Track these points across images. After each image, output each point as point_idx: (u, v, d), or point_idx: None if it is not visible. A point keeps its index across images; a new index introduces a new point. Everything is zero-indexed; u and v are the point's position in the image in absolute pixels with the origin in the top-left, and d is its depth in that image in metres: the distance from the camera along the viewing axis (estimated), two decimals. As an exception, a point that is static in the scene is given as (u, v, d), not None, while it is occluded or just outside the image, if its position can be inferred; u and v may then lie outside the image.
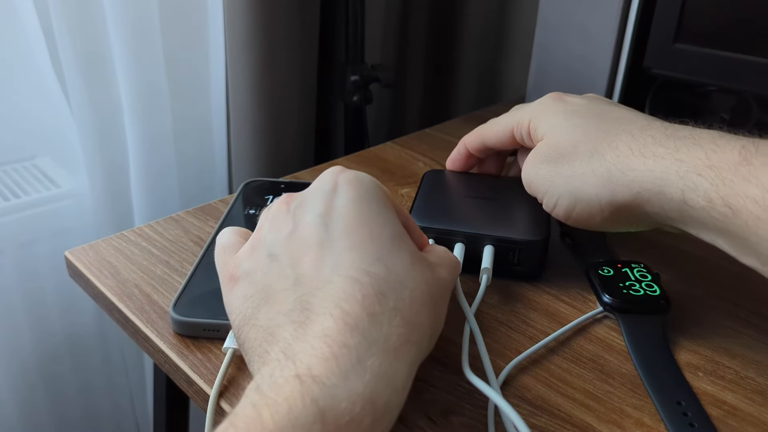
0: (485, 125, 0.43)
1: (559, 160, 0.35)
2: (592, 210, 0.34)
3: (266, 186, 0.48)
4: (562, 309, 0.37)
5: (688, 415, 0.29)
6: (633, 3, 0.56)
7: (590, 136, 0.35)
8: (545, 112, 0.39)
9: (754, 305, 0.38)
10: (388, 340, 0.24)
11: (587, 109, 0.38)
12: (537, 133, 0.38)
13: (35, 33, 0.62)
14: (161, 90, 0.69)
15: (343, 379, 0.22)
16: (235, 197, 0.46)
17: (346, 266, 0.26)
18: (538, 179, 0.37)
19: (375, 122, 0.89)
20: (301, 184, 0.48)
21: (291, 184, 0.48)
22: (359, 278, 0.25)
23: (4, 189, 0.70)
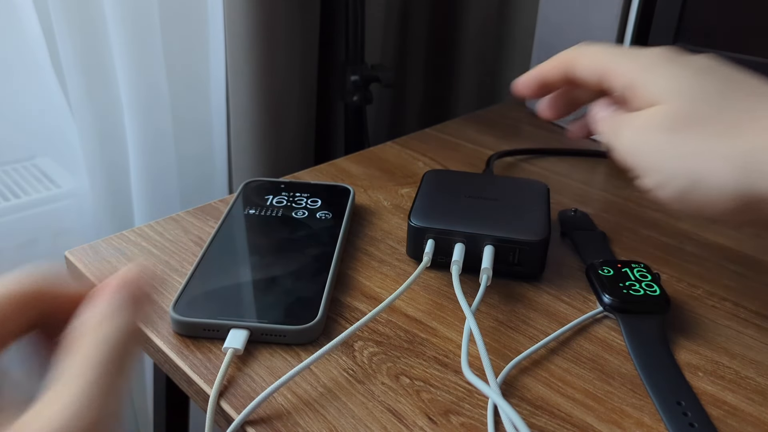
0: (569, 51, 0.35)
1: (683, 131, 0.29)
2: (716, 199, 0.28)
3: (266, 186, 0.48)
4: (562, 309, 0.37)
5: (688, 415, 0.29)
6: (633, 3, 0.56)
7: (726, 108, 0.29)
8: (659, 68, 0.31)
9: (754, 305, 0.38)
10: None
11: (719, 74, 0.30)
12: (647, 93, 0.30)
13: (35, 33, 0.62)
14: (161, 90, 0.69)
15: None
16: (236, 197, 0.46)
17: None
18: (649, 151, 0.30)
19: (375, 122, 0.89)
20: (300, 185, 0.48)
21: (291, 184, 0.48)
22: None
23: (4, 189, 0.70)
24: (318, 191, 0.47)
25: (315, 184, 0.48)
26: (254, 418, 0.30)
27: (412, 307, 0.37)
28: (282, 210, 0.45)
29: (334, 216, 0.44)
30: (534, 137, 0.64)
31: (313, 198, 0.46)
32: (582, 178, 0.55)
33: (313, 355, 0.32)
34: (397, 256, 0.42)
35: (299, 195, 0.47)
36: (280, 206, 0.45)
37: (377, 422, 0.29)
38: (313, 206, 0.45)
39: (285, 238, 0.42)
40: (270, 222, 0.43)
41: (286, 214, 0.44)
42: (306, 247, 0.41)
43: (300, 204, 0.45)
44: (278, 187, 0.48)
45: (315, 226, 0.43)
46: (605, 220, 0.48)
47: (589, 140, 0.64)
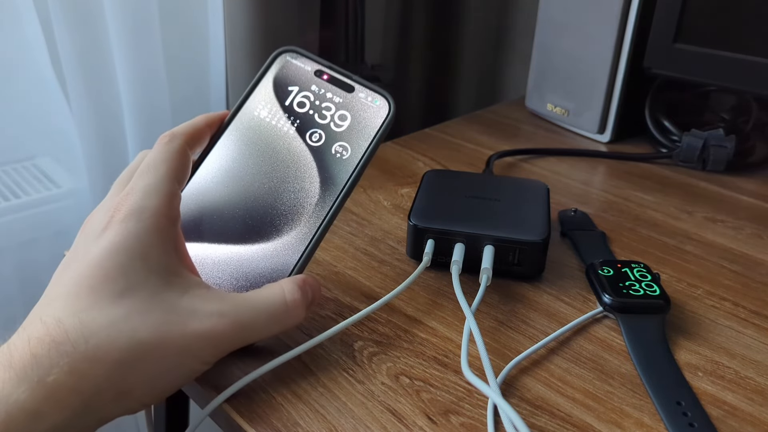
0: None
1: None
2: None
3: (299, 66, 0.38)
4: (562, 309, 0.37)
5: (688, 415, 0.29)
6: (633, 3, 0.56)
7: None
8: None
9: (754, 305, 0.38)
10: (43, 381, 0.25)
11: None
12: None
13: (35, 33, 0.62)
14: (161, 90, 0.69)
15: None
16: (260, 74, 0.38)
17: (47, 312, 0.27)
18: None
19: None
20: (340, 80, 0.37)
21: (331, 73, 0.37)
22: (47, 323, 0.26)
23: (4, 189, 0.70)
24: (354, 102, 0.36)
25: (357, 82, 0.37)
26: (254, 418, 0.30)
27: (412, 307, 0.37)
28: (297, 123, 0.36)
29: (351, 155, 0.35)
30: (534, 137, 0.64)
31: (342, 111, 0.36)
32: (582, 178, 0.55)
33: (302, 345, 0.32)
34: (397, 256, 0.42)
35: (329, 98, 0.36)
36: (299, 114, 0.36)
37: (377, 422, 0.29)
38: (336, 129, 0.36)
39: (277, 187, 0.35)
40: (273, 143, 0.36)
41: (298, 135, 0.36)
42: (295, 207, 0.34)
43: (323, 119, 0.36)
44: (313, 72, 0.37)
45: (321, 162, 0.35)
46: (605, 220, 0.48)
47: (589, 140, 0.64)
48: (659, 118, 0.61)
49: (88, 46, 0.63)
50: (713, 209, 0.50)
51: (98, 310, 0.27)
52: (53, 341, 0.25)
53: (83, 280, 0.28)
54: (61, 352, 0.25)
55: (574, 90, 0.63)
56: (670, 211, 0.50)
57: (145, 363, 0.27)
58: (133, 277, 0.28)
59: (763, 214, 0.50)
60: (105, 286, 0.27)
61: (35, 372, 0.25)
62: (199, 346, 0.28)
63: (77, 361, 0.25)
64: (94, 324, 0.26)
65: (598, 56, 0.60)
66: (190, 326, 0.28)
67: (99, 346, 0.26)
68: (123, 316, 0.27)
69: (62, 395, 0.25)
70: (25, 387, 0.24)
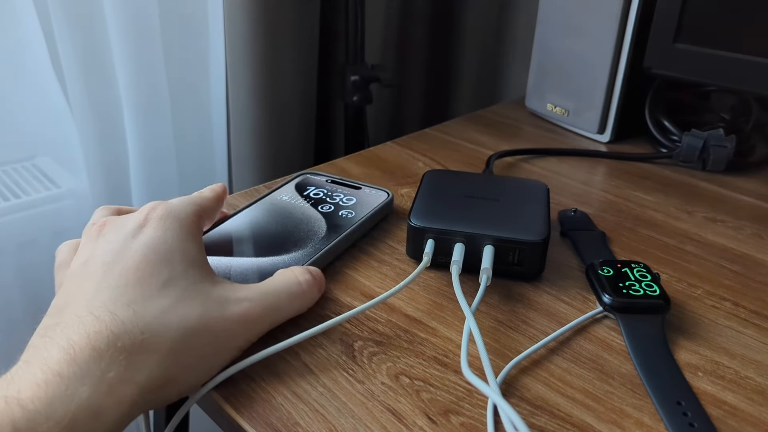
0: None
1: None
2: None
3: (315, 178, 0.49)
4: (562, 309, 0.37)
5: (688, 415, 0.29)
6: (633, 3, 0.56)
7: None
8: None
9: (754, 305, 0.38)
10: (105, 376, 0.25)
11: None
12: None
13: (35, 33, 0.62)
14: (161, 90, 0.69)
15: (47, 405, 0.23)
16: (283, 183, 0.48)
17: (96, 305, 0.27)
18: None
19: (375, 122, 0.89)
20: (347, 183, 0.48)
21: (339, 180, 0.49)
22: (101, 317, 0.27)
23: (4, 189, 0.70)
24: (359, 193, 0.47)
25: (364, 185, 0.48)
26: (254, 417, 0.30)
27: (412, 306, 0.37)
28: (313, 201, 0.45)
29: (356, 215, 0.44)
30: (534, 137, 0.64)
31: (350, 196, 0.46)
32: (582, 178, 0.55)
33: (293, 337, 0.32)
34: (397, 256, 0.42)
35: (339, 191, 0.47)
36: (314, 198, 0.46)
37: (377, 422, 0.29)
38: (344, 204, 0.45)
39: (292, 227, 0.42)
40: (292, 210, 0.44)
41: (312, 207, 0.45)
42: (304, 239, 0.41)
43: (333, 200, 0.46)
44: (326, 181, 0.49)
45: (330, 221, 0.43)
46: (605, 220, 0.48)
47: (589, 140, 0.64)
48: (659, 118, 0.61)
49: (88, 46, 0.63)
50: (713, 209, 0.50)
51: (148, 301, 0.28)
52: (111, 333, 0.26)
53: (129, 273, 0.29)
54: (120, 346, 0.26)
55: (574, 90, 0.63)
56: (670, 211, 0.50)
57: (192, 349, 0.28)
58: (174, 268, 0.30)
59: (763, 214, 0.50)
60: (151, 278, 0.29)
61: (97, 366, 0.25)
62: (236, 331, 0.30)
63: (134, 353, 0.26)
64: (147, 314, 0.27)
65: (598, 56, 0.60)
66: (228, 311, 0.30)
67: (153, 335, 0.27)
68: (170, 306, 0.28)
69: (122, 389, 0.25)
70: (88, 383, 0.24)
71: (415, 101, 0.94)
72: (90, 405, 0.24)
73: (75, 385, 0.24)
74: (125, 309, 0.27)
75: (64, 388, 0.24)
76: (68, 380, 0.24)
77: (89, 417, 0.24)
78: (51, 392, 0.24)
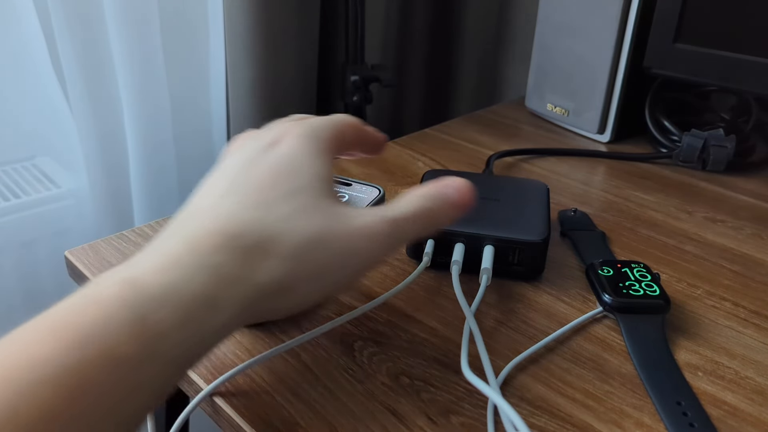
0: None
1: None
2: None
3: None
4: (562, 309, 0.37)
5: (688, 415, 0.29)
6: (633, 3, 0.56)
7: None
8: None
9: (754, 305, 0.38)
10: (220, 270, 0.25)
11: None
12: None
13: (35, 33, 0.62)
14: (161, 90, 0.69)
15: (163, 291, 0.23)
16: None
17: (222, 206, 0.28)
18: None
19: (375, 122, 0.89)
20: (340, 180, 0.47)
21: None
22: (225, 217, 0.27)
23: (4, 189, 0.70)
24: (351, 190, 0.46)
25: (354, 181, 0.47)
26: (254, 418, 0.30)
27: (412, 306, 0.37)
28: None
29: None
30: (534, 137, 0.64)
31: (341, 194, 0.46)
32: (582, 178, 0.55)
33: (294, 339, 0.32)
34: (397, 256, 0.42)
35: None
36: None
37: (377, 422, 0.29)
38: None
39: None
40: None
41: None
42: None
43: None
44: None
45: None
46: (605, 220, 0.48)
47: (589, 140, 0.64)
48: (659, 118, 0.61)
49: (88, 46, 0.63)
50: (713, 209, 0.50)
51: (272, 206, 0.28)
52: (234, 232, 0.26)
53: (257, 180, 0.29)
54: (240, 245, 0.26)
55: (574, 90, 0.63)
56: (670, 211, 0.50)
57: (312, 258, 0.27)
58: (301, 180, 0.29)
59: (763, 214, 0.50)
60: (277, 186, 0.29)
61: (215, 259, 0.25)
62: (361, 244, 0.29)
63: (254, 254, 0.26)
64: (269, 218, 0.27)
65: (598, 56, 0.60)
66: (354, 223, 0.29)
67: (274, 239, 0.27)
68: (294, 212, 0.28)
69: (238, 286, 0.25)
70: (204, 273, 0.24)
71: (415, 101, 0.94)
72: (206, 294, 0.24)
73: (191, 274, 0.24)
74: (249, 211, 0.27)
75: (180, 276, 0.24)
76: (185, 269, 0.24)
77: (205, 307, 0.24)
78: (167, 279, 0.24)
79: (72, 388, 0.20)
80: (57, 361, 0.21)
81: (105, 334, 0.21)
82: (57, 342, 0.21)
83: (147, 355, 0.22)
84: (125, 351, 0.21)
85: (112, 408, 0.21)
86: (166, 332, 0.23)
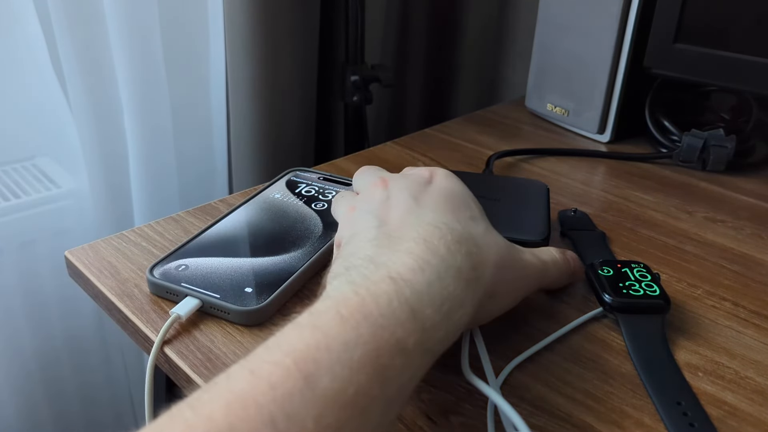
0: None
1: None
2: None
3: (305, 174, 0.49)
4: (562, 309, 0.37)
5: (688, 415, 0.29)
6: (633, 3, 0.56)
7: None
8: None
9: (754, 305, 0.38)
10: (461, 272, 0.27)
11: None
12: None
13: (35, 33, 0.62)
14: (161, 90, 0.69)
15: (427, 287, 0.25)
16: (272, 181, 0.48)
17: (427, 220, 0.29)
18: None
19: (375, 122, 0.89)
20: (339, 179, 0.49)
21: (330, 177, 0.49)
22: (440, 227, 0.28)
23: (4, 189, 0.70)
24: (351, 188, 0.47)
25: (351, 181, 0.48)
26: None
27: (412, 307, 0.37)
28: (306, 199, 0.46)
29: None
30: (534, 137, 0.64)
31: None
32: (582, 178, 0.55)
33: None
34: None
35: (330, 189, 0.47)
36: (306, 196, 0.46)
37: (377, 422, 0.29)
38: None
39: (288, 226, 0.42)
40: (285, 208, 0.44)
41: (305, 204, 0.45)
42: (301, 238, 0.41)
43: (326, 197, 0.46)
44: (317, 177, 0.49)
45: (325, 219, 0.43)
46: (605, 220, 0.48)
47: (589, 140, 0.64)
48: (659, 118, 0.61)
49: (88, 46, 0.63)
50: (713, 209, 0.50)
51: (468, 222, 0.30)
52: (456, 238, 0.28)
53: (440, 203, 0.31)
54: (465, 250, 0.28)
55: (574, 90, 0.63)
56: (670, 211, 0.50)
57: (508, 270, 0.31)
58: (473, 209, 0.32)
59: (763, 214, 0.50)
60: (459, 210, 0.31)
61: (455, 261, 0.27)
62: (526, 273, 0.33)
63: (475, 261, 0.28)
64: (475, 232, 0.30)
65: (598, 56, 0.60)
66: (522, 255, 0.33)
67: (483, 248, 0.29)
68: (486, 231, 0.31)
69: (474, 288, 0.27)
70: (451, 274, 0.26)
71: (415, 101, 0.94)
72: (456, 294, 0.26)
73: (443, 274, 0.26)
74: (457, 224, 0.29)
75: (436, 275, 0.26)
76: (437, 268, 0.26)
77: (457, 305, 0.26)
78: (427, 278, 0.25)
79: (376, 372, 0.22)
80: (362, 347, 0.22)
81: (393, 325, 0.23)
82: (355, 330, 0.22)
83: (421, 347, 0.24)
84: (409, 342, 0.23)
85: (397, 392, 0.23)
86: (432, 327, 0.24)
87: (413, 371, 0.24)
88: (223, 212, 0.44)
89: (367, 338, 0.22)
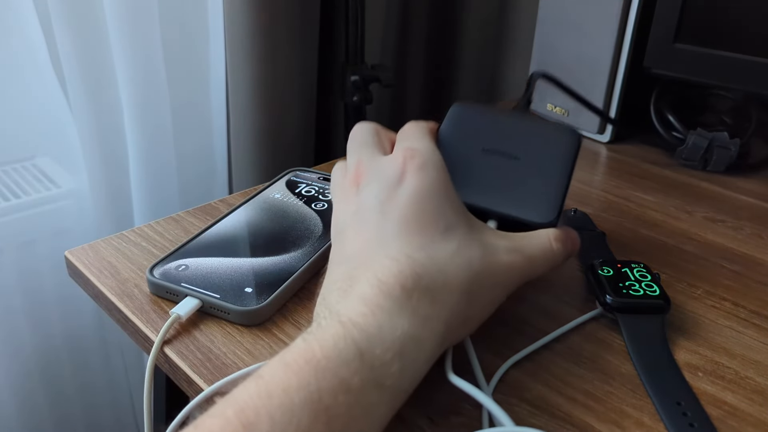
0: None
1: None
2: None
3: (305, 175, 0.50)
4: (562, 309, 0.37)
5: (688, 415, 0.29)
6: (633, 3, 0.56)
7: None
8: None
9: (753, 305, 0.38)
10: (417, 310, 0.27)
11: None
12: None
13: (35, 33, 0.62)
14: (161, 90, 0.69)
15: (378, 329, 0.25)
16: (272, 182, 0.48)
17: (391, 250, 0.29)
18: None
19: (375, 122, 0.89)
20: None
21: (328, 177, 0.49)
22: (400, 260, 0.28)
23: (4, 189, 0.70)
24: None
25: None
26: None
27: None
28: (306, 199, 0.46)
29: None
30: (534, 137, 0.64)
31: None
32: (582, 178, 0.55)
33: None
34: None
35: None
36: (306, 196, 0.46)
37: (377, 422, 0.29)
38: None
39: (288, 226, 0.42)
40: (285, 208, 0.44)
41: (305, 204, 0.45)
42: (301, 238, 0.41)
43: (326, 197, 0.46)
44: (317, 177, 0.49)
45: (325, 219, 0.43)
46: (605, 220, 0.48)
47: (589, 140, 0.64)
48: (665, 114, 0.60)
49: (88, 46, 0.63)
50: (713, 209, 0.50)
51: (437, 245, 0.29)
52: (415, 274, 0.27)
53: (410, 222, 0.30)
54: (424, 285, 0.27)
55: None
56: (670, 211, 0.50)
57: (479, 290, 0.30)
58: (448, 217, 0.31)
59: (763, 214, 0.50)
60: (430, 225, 0.30)
61: (409, 302, 0.27)
62: (505, 277, 0.31)
63: (437, 292, 0.28)
64: (439, 257, 0.29)
65: (598, 56, 0.60)
66: (501, 259, 0.31)
67: (449, 276, 0.28)
68: (456, 250, 0.29)
69: (432, 324, 0.27)
70: (405, 315, 0.26)
71: (415, 101, 0.94)
72: (412, 335, 0.26)
73: (395, 317, 0.26)
74: (420, 252, 0.29)
75: (388, 318, 0.26)
76: (389, 312, 0.26)
77: (413, 345, 0.26)
78: (378, 321, 0.26)
79: (318, 413, 0.22)
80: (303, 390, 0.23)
81: (336, 366, 0.24)
82: (297, 375, 0.23)
83: (372, 383, 0.24)
84: (354, 381, 0.24)
85: (347, 428, 0.23)
86: (383, 365, 0.25)
87: (367, 407, 0.24)
88: (223, 212, 0.44)
89: (309, 380, 0.23)
